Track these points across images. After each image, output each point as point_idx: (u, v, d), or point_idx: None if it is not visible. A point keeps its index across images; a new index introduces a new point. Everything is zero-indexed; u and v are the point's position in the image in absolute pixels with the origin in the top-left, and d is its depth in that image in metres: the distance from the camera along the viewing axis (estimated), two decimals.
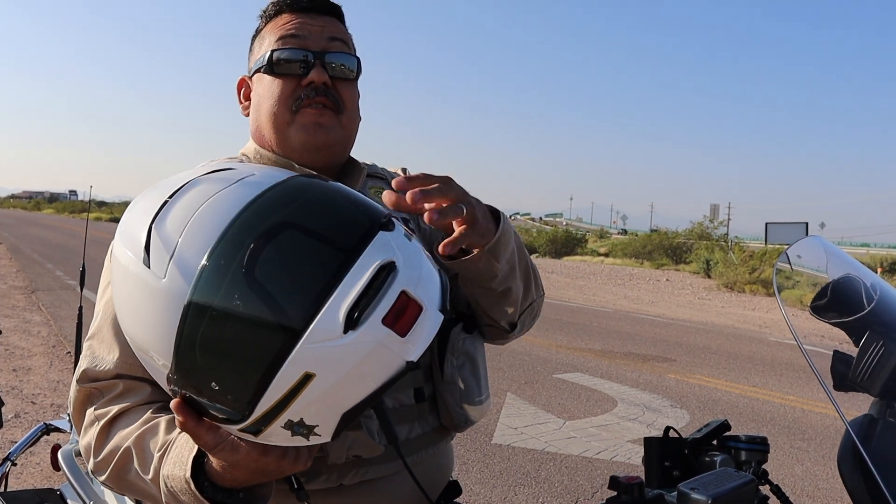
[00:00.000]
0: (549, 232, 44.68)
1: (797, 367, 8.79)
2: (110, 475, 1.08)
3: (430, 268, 0.89)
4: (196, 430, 0.86)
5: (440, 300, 0.87)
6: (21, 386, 6.19)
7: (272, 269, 0.78)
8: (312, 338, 0.77)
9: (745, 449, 1.21)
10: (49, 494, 1.89)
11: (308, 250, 0.80)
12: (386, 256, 0.81)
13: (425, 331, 0.83)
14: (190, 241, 0.81)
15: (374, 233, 0.84)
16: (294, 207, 0.83)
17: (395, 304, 0.80)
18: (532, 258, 1.37)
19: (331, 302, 0.78)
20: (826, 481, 4.73)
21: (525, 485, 4.41)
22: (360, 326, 0.78)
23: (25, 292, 12.35)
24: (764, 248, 27.34)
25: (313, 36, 1.25)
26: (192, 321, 0.79)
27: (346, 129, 1.28)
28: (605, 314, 13.53)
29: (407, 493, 1.25)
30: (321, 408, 0.81)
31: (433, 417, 1.29)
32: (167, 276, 0.81)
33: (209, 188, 0.86)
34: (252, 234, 0.80)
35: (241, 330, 0.78)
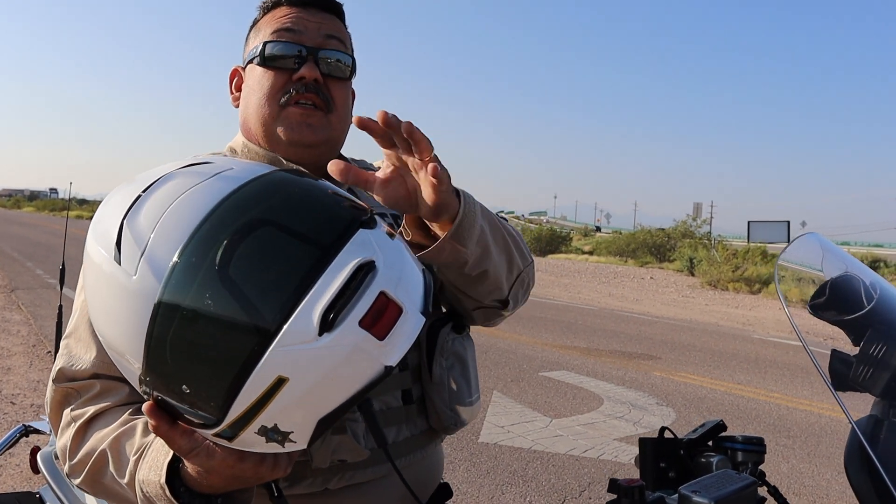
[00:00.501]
0: (534, 230, 44.76)
1: (781, 364, 8.85)
2: (85, 478, 1.05)
3: (412, 267, 0.86)
4: (169, 434, 0.83)
5: (422, 302, 0.84)
6: (0, 386, 6.10)
7: (246, 267, 0.76)
8: (285, 340, 0.74)
9: (742, 450, 1.19)
10: (28, 497, 1.85)
11: (284, 248, 0.77)
12: (365, 255, 0.78)
13: (405, 334, 0.80)
14: (162, 238, 0.78)
15: (353, 230, 0.81)
16: (271, 203, 0.80)
17: (374, 306, 0.77)
18: (513, 226, 1.32)
19: (305, 302, 0.75)
20: (812, 478, 4.74)
21: (512, 483, 4.40)
22: (336, 328, 0.75)
23: (5, 291, 12.20)
24: (746, 246, 27.50)
25: (309, 31, 1.23)
26: (162, 321, 0.76)
27: (336, 129, 1.25)
28: (590, 312, 13.55)
29: (395, 497, 1.22)
30: (296, 413, 0.78)
31: (422, 420, 1.26)
32: (138, 274, 0.78)
33: (184, 182, 0.83)
34: (226, 230, 0.77)
35: (212, 331, 0.75)
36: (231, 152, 1.30)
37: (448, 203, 1.04)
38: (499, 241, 1.19)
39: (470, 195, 1.12)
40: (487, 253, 1.16)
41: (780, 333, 11.75)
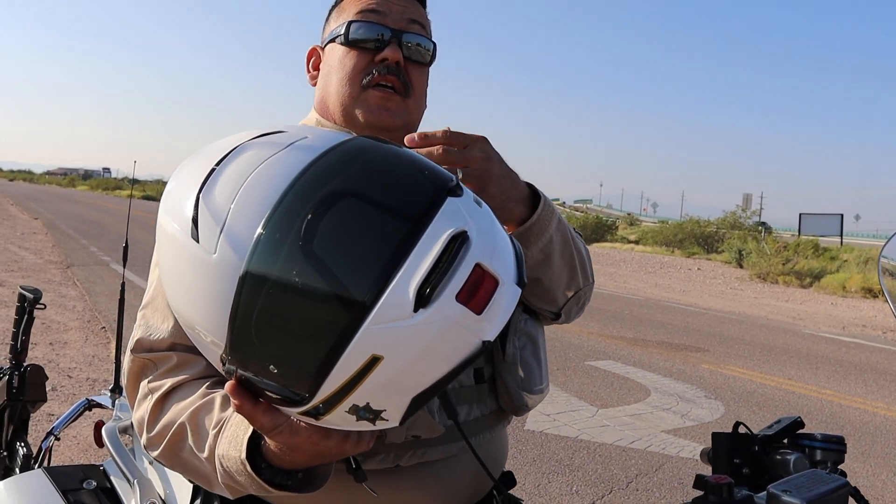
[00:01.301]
0: (580, 218, 44.43)
1: (833, 360, 8.64)
2: (163, 451, 1.05)
3: (503, 236, 0.82)
4: (253, 412, 0.81)
5: (516, 272, 0.80)
6: (57, 360, 6.28)
7: (332, 241, 0.72)
8: (379, 317, 0.71)
9: (822, 448, 1.15)
10: (92, 470, 1.88)
11: (371, 220, 0.73)
12: (457, 225, 0.74)
13: (503, 307, 0.76)
14: (241, 213, 0.75)
15: (442, 199, 0.77)
16: (352, 172, 0.77)
17: (470, 279, 0.73)
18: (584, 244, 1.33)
19: (399, 278, 0.71)
20: (866, 479, 4.63)
21: (559, 472, 4.37)
22: (432, 304, 0.71)
23: (61, 267, 12.54)
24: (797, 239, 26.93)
25: (393, 14, 1.23)
26: (248, 296, 0.73)
27: (412, 114, 1.26)
28: (636, 302, 13.40)
29: (465, 476, 1.22)
30: (390, 392, 0.75)
31: (492, 400, 1.25)
32: (218, 251, 0.75)
33: (259, 154, 0.80)
34: (308, 203, 0.74)
35: (300, 308, 0.72)
36: None
37: (508, 217, 1.08)
38: (565, 256, 1.20)
39: (551, 205, 1.14)
40: (548, 263, 1.17)
41: (831, 329, 11.48)
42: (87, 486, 1.80)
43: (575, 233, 1.29)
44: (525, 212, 1.11)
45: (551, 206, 1.14)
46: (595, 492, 4.13)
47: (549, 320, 1.32)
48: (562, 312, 1.30)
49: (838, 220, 31.70)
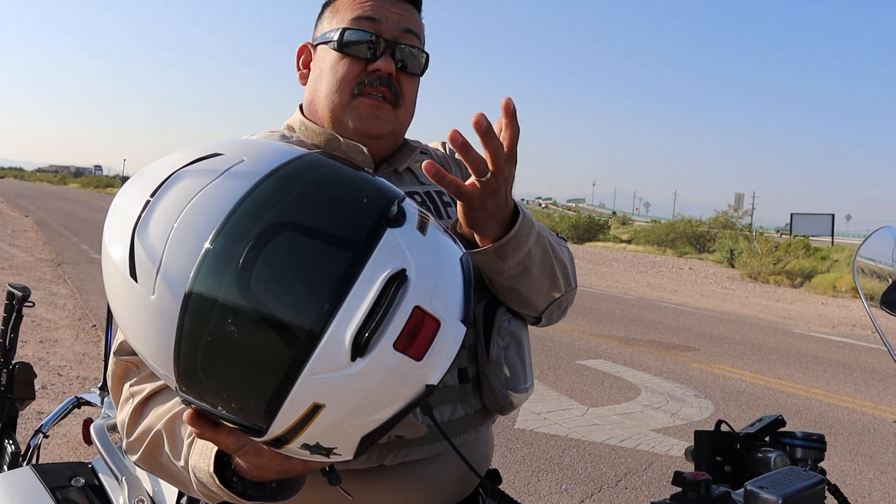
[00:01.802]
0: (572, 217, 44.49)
1: (823, 360, 8.69)
2: (142, 456, 1.06)
3: (450, 264, 0.78)
4: (214, 437, 0.81)
5: (462, 306, 0.77)
6: (48, 357, 6.26)
7: (266, 285, 0.70)
8: (315, 368, 0.69)
9: (802, 446, 1.16)
10: (81, 468, 1.89)
11: (305, 262, 0.70)
12: (395, 264, 0.71)
13: (445, 349, 0.74)
14: (175, 253, 0.72)
15: (380, 232, 0.74)
16: (287, 202, 0.73)
17: (409, 323, 0.71)
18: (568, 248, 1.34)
19: (333, 327, 0.69)
20: (853, 477, 4.66)
21: (548, 471, 4.39)
22: (370, 353, 0.70)
23: (52, 265, 12.49)
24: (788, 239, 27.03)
25: (389, 23, 1.22)
26: (189, 337, 0.72)
27: (401, 123, 1.27)
28: (627, 301, 13.44)
29: (449, 475, 1.22)
30: (337, 433, 0.75)
31: (476, 399, 1.26)
32: (156, 292, 0.73)
33: (192, 184, 0.76)
34: (242, 241, 0.71)
35: (240, 354, 0.70)
36: (289, 130, 1.31)
37: (491, 227, 1.08)
38: (545, 267, 1.20)
39: (529, 219, 1.13)
40: (526, 274, 1.17)
41: (821, 328, 11.54)
42: (76, 484, 1.81)
43: (557, 239, 1.29)
44: (503, 229, 1.10)
45: (530, 219, 1.13)
46: (584, 490, 4.15)
47: (529, 323, 1.33)
48: (542, 317, 1.31)
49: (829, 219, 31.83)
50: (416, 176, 1.32)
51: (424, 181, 1.31)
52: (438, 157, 1.40)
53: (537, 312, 1.29)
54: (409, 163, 1.31)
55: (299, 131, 1.28)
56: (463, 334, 0.76)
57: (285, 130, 1.31)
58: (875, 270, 1.16)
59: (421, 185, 1.31)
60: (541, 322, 1.33)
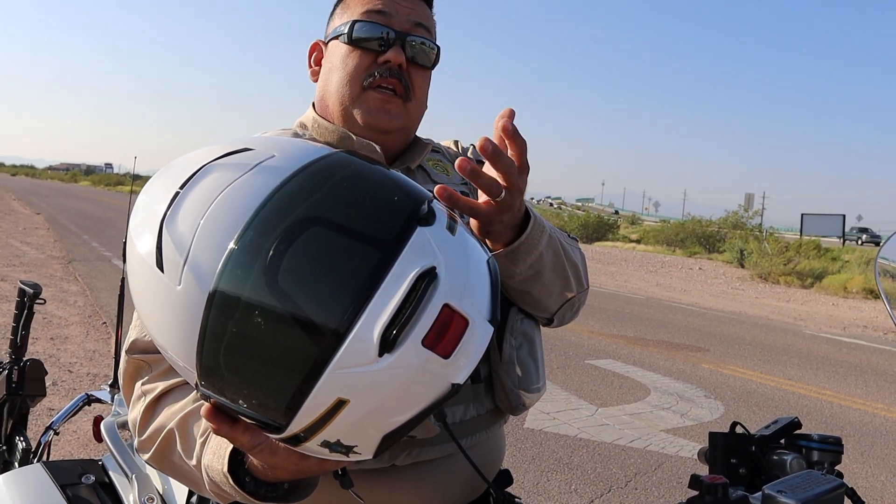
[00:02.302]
0: (581, 217, 44.42)
1: (834, 361, 8.64)
2: (154, 455, 1.05)
3: (478, 266, 0.78)
4: (231, 434, 0.80)
5: (489, 307, 0.77)
6: (58, 354, 6.29)
7: (296, 278, 0.70)
8: (342, 363, 0.69)
9: (819, 449, 1.15)
10: (91, 465, 1.89)
11: (335, 257, 0.70)
12: (425, 262, 0.71)
13: (473, 348, 0.74)
14: (204, 245, 0.72)
15: (411, 230, 0.74)
16: (318, 198, 0.73)
17: (437, 321, 0.70)
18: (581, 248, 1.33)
19: (362, 321, 0.69)
20: (866, 480, 4.63)
21: (558, 471, 4.38)
22: (398, 349, 0.69)
23: (62, 262, 12.55)
24: (799, 239, 26.89)
25: (399, 16, 1.22)
26: (214, 329, 0.72)
27: (412, 117, 1.26)
28: (637, 301, 13.40)
29: (461, 475, 1.21)
30: (359, 430, 0.74)
31: (488, 399, 1.25)
32: (182, 284, 0.73)
33: (223, 177, 0.76)
34: (272, 234, 0.71)
35: (266, 344, 0.70)
36: (301, 128, 1.30)
37: (499, 234, 1.06)
38: (557, 269, 1.20)
39: (541, 222, 1.12)
40: (538, 277, 1.17)
41: (832, 329, 11.47)
42: (86, 481, 1.81)
43: (569, 240, 1.28)
44: (515, 233, 1.09)
45: (541, 223, 1.12)
46: (594, 490, 4.13)
47: (541, 323, 1.32)
48: (554, 318, 1.30)
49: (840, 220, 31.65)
50: (429, 174, 1.31)
51: (437, 179, 1.30)
52: (451, 155, 1.40)
53: (549, 314, 1.28)
54: (420, 160, 1.30)
55: (312, 129, 1.28)
56: (490, 334, 0.76)
57: (297, 128, 1.31)
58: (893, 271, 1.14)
59: (433, 183, 1.30)
60: (553, 323, 1.32)
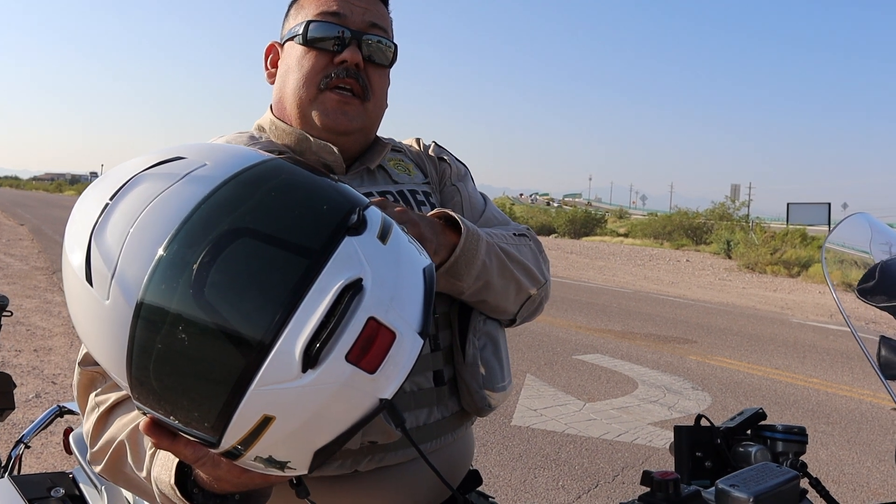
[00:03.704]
0: (569, 212, 44.50)
1: (820, 349, 8.68)
2: (106, 467, 1.04)
3: (410, 274, 0.76)
4: (172, 447, 0.79)
5: (420, 318, 0.75)
6: (42, 366, 6.23)
7: (219, 293, 0.68)
8: (265, 379, 0.68)
9: (783, 440, 1.14)
10: (61, 478, 1.86)
11: (259, 270, 0.69)
12: (351, 273, 0.70)
13: (401, 362, 0.72)
14: (131, 258, 0.71)
15: (338, 240, 0.72)
16: (246, 209, 0.71)
17: (362, 335, 0.69)
18: (544, 244, 1.32)
19: (284, 337, 0.67)
20: (851, 466, 4.64)
21: (545, 467, 4.37)
22: (321, 365, 0.68)
23: (47, 273, 12.45)
24: (785, 228, 27.03)
25: (354, 16, 1.20)
26: (141, 345, 0.70)
27: (370, 117, 1.24)
28: (624, 295, 13.42)
29: (427, 480, 1.20)
30: (290, 447, 0.73)
31: (453, 401, 1.23)
32: (110, 298, 0.71)
33: (152, 188, 0.74)
34: (197, 247, 0.69)
35: (190, 364, 0.68)
36: (259, 130, 1.28)
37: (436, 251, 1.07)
38: (506, 274, 1.19)
39: (474, 232, 1.12)
40: (489, 286, 1.17)
41: (819, 318, 11.53)
42: (55, 494, 1.78)
43: (514, 239, 1.27)
44: (448, 251, 1.10)
45: (475, 232, 1.12)
46: (581, 486, 4.13)
47: (504, 324, 1.32)
48: (517, 318, 1.30)
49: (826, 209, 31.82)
50: (389, 174, 1.29)
51: (398, 179, 1.29)
52: (413, 153, 1.38)
53: (510, 315, 1.28)
54: (380, 160, 1.29)
55: (269, 131, 1.26)
56: (420, 347, 0.74)
57: (255, 131, 1.29)
58: (849, 258, 1.14)
59: (394, 183, 1.28)
60: (516, 322, 1.31)
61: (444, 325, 1.22)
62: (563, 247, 29.17)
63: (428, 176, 1.35)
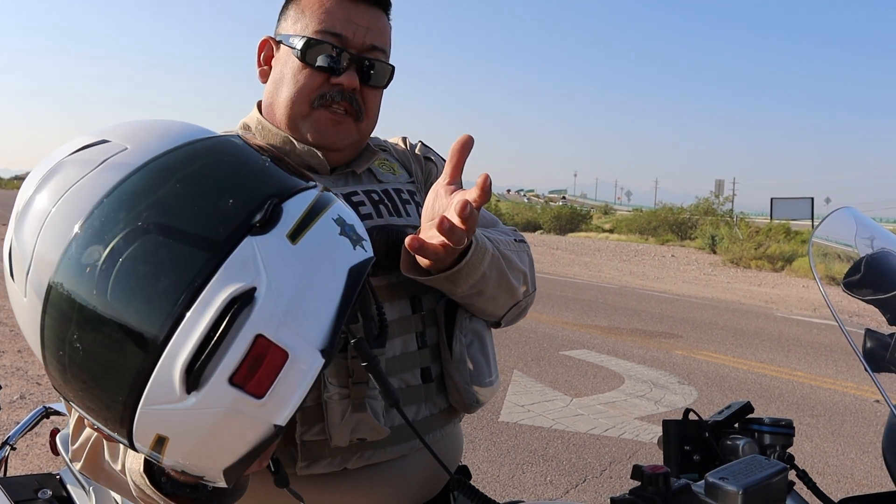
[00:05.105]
0: (554, 208, 44.60)
1: (804, 342, 8.75)
2: (85, 463, 1.04)
3: (323, 277, 0.68)
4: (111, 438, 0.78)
5: (326, 333, 0.67)
6: (26, 367, 6.18)
7: (113, 296, 0.63)
8: (151, 398, 0.63)
9: (770, 432, 1.15)
10: (48, 479, 1.85)
11: (147, 276, 0.63)
12: (243, 282, 0.63)
13: (294, 384, 0.64)
14: (43, 254, 0.67)
15: (234, 242, 0.65)
16: (149, 203, 0.66)
17: (249, 355, 0.62)
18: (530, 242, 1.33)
19: (166, 355, 0.62)
20: (836, 458, 4.69)
21: (533, 463, 4.38)
22: (203, 387, 0.62)
23: None
24: (769, 223, 27.21)
25: (356, 38, 1.18)
26: (49, 345, 0.67)
27: (362, 134, 1.24)
28: (610, 290, 13.48)
29: (415, 476, 1.20)
30: (195, 464, 0.69)
31: (441, 398, 1.24)
32: (27, 295, 0.68)
33: (68, 176, 0.69)
34: (99, 245, 0.65)
35: (89, 367, 0.65)
36: (244, 128, 1.27)
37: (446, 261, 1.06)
38: (501, 284, 1.19)
39: (482, 245, 1.11)
40: (482, 294, 1.17)
41: (803, 311, 11.62)
42: (42, 496, 1.77)
43: (515, 246, 1.27)
44: (457, 258, 1.08)
45: (483, 245, 1.11)
46: (569, 481, 4.14)
47: (489, 325, 1.32)
48: (502, 321, 1.30)
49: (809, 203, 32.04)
50: (374, 174, 1.28)
51: (382, 179, 1.28)
52: (398, 152, 1.38)
53: (496, 318, 1.28)
54: (368, 164, 1.28)
55: (255, 130, 1.25)
56: (319, 367, 0.66)
57: (241, 129, 1.28)
58: (834, 252, 1.15)
59: (379, 183, 1.27)
60: (500, 325, 1.32)
61: (430, 322, 1.22)
62: (548, 243, 29.25)
63: (413, 175, 1.35)
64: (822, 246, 1.13)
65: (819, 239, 1.12)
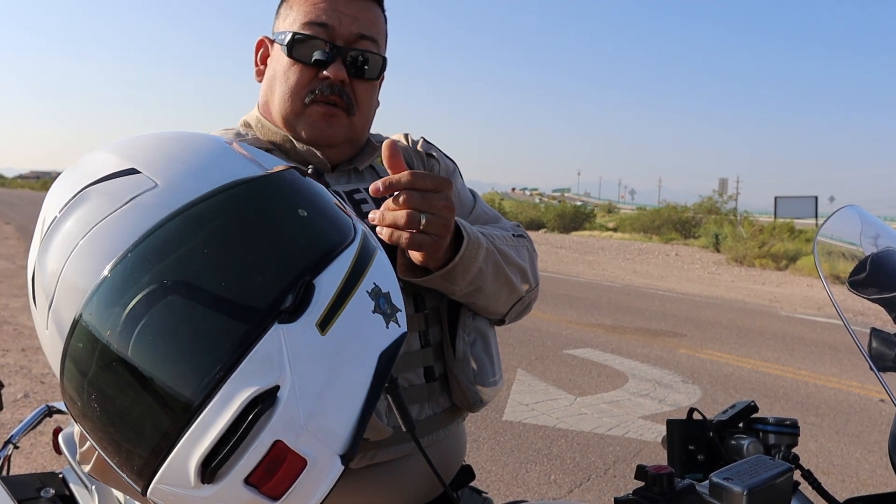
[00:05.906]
0: (558, 207, 44.59)
1: (808, 341, 8.73)
2: (94, 466, 1.03)
3: (352, 370, 0.65)
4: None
5: (350, 435, 0.65)
6: (30, 366, 6.18)
7: (134, 366, 0.61)
8: (164, 479, 0.63)
9: (775, 432, 1.15)
10: (51, 478, 1.85)
11: (166, 357, 0.61)
12: (265, 381, 0.60)
13: (311, 489, 0.63)
14: (66, 292, 0.65)
15: (261, 331, 0.61)
16: (171, 263, 0.63)
17: (267, 458, 0.60)
18: (534, 239, 1.32)
19: (182, 444, 0.61)
20: (840, 457, 4.67)
21: (536, 462, 4.38)
22: (218, 483, 0.61)
23: None
24: (773, 222, 27.16)
25: (342, 27, 1.17)
26: (69, 385, 0.66)
27: (356, 130, 1.23)
28: (614, 289, 13.46)
29: (418, 476, 1.20)
30: None
31: (445, 397, 1.23)
32: (49, 328, 0.67)
33: (93, 213, 0.67)
34: (123, 295, 0.62)
35: (104, 420, 0.64)
36: (245, 127, 1.27)
37: (439, 256, 1.06)
38: (500, 279, 1.19)
39: (475, 239, 1.11)
40: (480, 290, 1.17)
41: (807, 310, 11.60)
42: (45, 495, 1.77)
43: (514, 241, 1.26)
44: (449, 254, 1.08)
45: (476, 238, 1.11)
46: (573, 480, 4.14)
47: (493, 323, 1.32)
48: (506, 318, 1.30)
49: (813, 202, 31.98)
50: (377, 171, 1.28)
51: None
52: (400, 150, 1.37)
53: (499, 316, 1.28)
54: (371, 161, 1.28)
55: (255, 128, 1.25)
56: (339, 474, 0.65)
57: (241, 127, 1.28)
58: (839, 251, 1.14)
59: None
60: (505, 322, 1.32)
61: (433, 320, 1.22)
62: (552, 241, 29.23)
63: None
64: (826, 244, 1.12)
65: (824, 237, 1.11)
